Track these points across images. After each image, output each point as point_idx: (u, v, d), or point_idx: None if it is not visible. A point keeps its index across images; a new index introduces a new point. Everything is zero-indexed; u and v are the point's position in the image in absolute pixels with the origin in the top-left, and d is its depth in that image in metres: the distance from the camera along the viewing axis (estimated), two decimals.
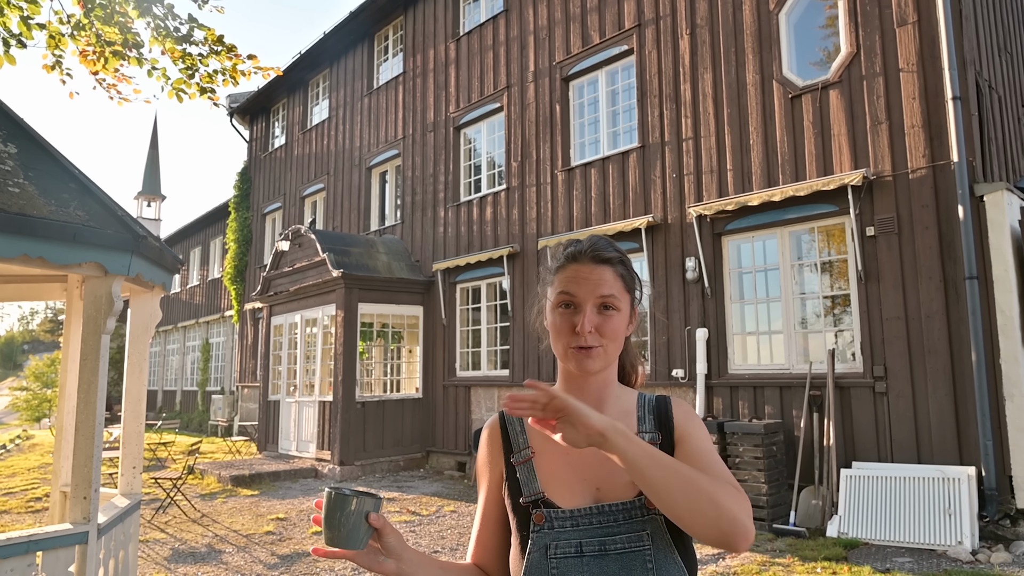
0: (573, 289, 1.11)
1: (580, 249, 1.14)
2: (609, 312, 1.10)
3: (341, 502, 0.93)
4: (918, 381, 5.96)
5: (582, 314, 1.09)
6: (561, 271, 1.14)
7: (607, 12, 9.08)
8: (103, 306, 3.03)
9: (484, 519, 1.20)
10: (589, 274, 1.11)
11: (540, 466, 1.14)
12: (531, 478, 1.13)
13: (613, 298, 1.10)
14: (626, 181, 8.57)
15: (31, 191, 2.84)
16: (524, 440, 1.17)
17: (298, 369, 11.53)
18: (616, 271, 1.13)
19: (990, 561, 4.95)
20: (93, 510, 2.96)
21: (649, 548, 1.04)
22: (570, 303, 1.11)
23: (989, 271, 5.72)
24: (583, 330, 1.08)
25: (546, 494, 1.11)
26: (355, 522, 0.93)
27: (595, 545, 1.05)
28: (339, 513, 0.93)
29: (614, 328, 1.10)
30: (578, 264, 1.13)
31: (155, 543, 6.30)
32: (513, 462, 1.16)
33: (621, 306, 1.12)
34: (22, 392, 29.71)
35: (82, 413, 2.99)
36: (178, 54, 3.88)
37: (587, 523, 1.07)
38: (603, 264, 1.12)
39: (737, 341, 7.35)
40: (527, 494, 1.12)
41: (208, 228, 21.91)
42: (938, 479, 5.53)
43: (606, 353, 1.11)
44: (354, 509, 0.93)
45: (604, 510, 1.07)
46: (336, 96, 14.44)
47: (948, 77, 5.95)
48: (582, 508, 1.08)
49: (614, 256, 1.14)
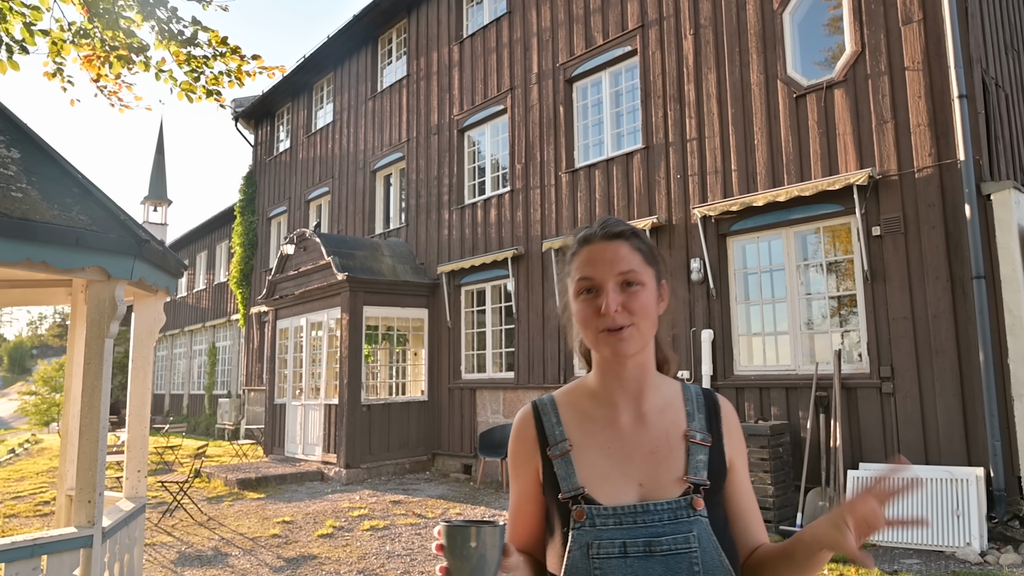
0: (590, 272, 1.06)
1: (591, 231, 1.11)
2: (633, 288, 1.05)
3: (468, 534, 0.90)
4: (925, 381, 5.92)
5: (604, 294, 1.04)
6: (576, 257, 1.10)
7: (610, 13, 9.07)
8: (106, 310, 3.04)
9: (518, 513, 1.16)
10: (603, 252, 1.07)
11: (579, 460, 1.09)
12: (570, 472, 1.08)
13: (633, 272, 1.05)
14: (630, 182, 8.55)
15: (34, 196, 2.86)
16: (561, 432, 1.12)
17: (304, 372, 11.55)
18: (632, 244, 1.08)
19: (999, 562, 4.91)
20: (98, 514, 2.97)
21: (696, 550, 1.00)
22: (591, 287, 1.06)
23: (997, 270, 5.67)
24: (608, 310, 1.03)
25: (587, 489, 1.06)
26: (483, 552, 0.90)
27: (640, 545, 1.00)
28: (466, 545, 0.90)
29: (642, 304, 1.05)
30: (591, 245, 1.09)
31: (162, 546, 6.31)
32: (550, 455, 1.10)
33: (644, 280, 1.06)
34: (31, 396, 29.89)
35: (86, 417, 3.00)
36: (183, 57, 3.89)
37: (631, 521, 1.02)
38: (615, 239, 1.08)
39: (743, 342, 7.32)
40: (566, 489, 1.07)
41: (214, 232, 22.01)
42: (946, 480, 5.49)
43: (639, 332, 1.05)
44: (484, 539, 0.90)
45: (648, 508, 1.02)
46: (340, 99, 14.48)
47: (954, 75, 5.91)
48: (626, 506, 1.03)
49: (626, 230, 1.09)
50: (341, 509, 7.81)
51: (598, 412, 1.12)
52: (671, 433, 1.10)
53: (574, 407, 1.15)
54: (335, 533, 6.64)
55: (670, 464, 1.07)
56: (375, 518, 7.25)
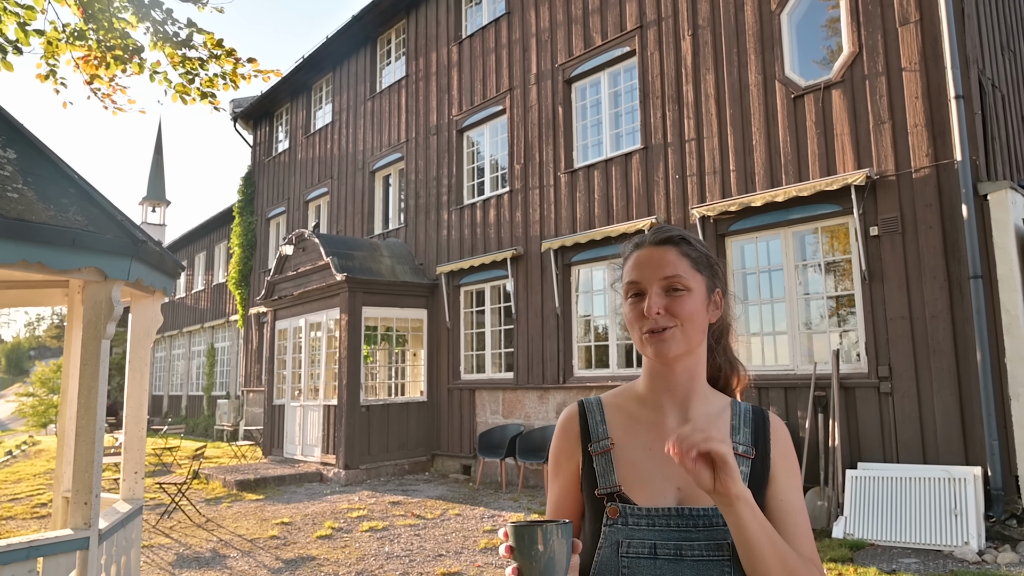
0: (637, 275, 1.09)
1: (644, 237, 1.14)
2: (678, 293, 1.07)
3: (535, 534, 0.90)
4: (923, 381, 5.92)
5: (648, 297, 1.07)
6: (627, 262, 1.13)
7: (609, 14, 9.08)
8: (103, 311, 3.04)
9: (557, 511, 1.17)
10: (650, 257, 1.10)
11: (619, 458, 1.10)
12: (608, 470, 1.09)
13: (678, 278, 1.07)
14: (629, 183, 8.55)
15: (30, 196, 2.85)
16: (604, 430, 1.14)
17: (303, 373, 11.54)
18: (680, 250, 1.10)
19: (997, 561, 4.91)
20: (94, 515, 2.96)
21: (728, 560, 0.99)
22: (638, 291, 1.09)
23: (994, 270, 5.68)
24: (650, 312, 1.05)
25: (623, 488, 1.07)
26: (552, 552, 0.90)
27: (670, 548, 1.01)
28: (534, 546, 0.90)
29: (687, 309, 1.06)
30: (641, 250, 1.12)
31: (160, 548, 6.31)
32: (591, 451, 1.12)
33: (690, 285, 1.08)
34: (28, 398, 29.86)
35: (82, 418, 3.00)
36: (178, 59, 3.89)
37: (664, 524, 1.03)
38: (663, 245, 1.10)
39: (741, 342, 7.32)
40: (603, 486, 1.08)
41: (213, 233, 21.99)
42: (944, 479, 5.49)
43: (683, 335, 1.06)
44: (552, 539, 0.90)
45: (684, 513, 1.03)
46: (339, 100, 14.48)
47: (951, 76, 5.92)
48: (660, 508, 1.04)
49: (675, 235, 1.11)
50: (340, 510, 7.80)
51: (643, 414, 1.14)
52: None
53: (620, 408, 1.17)
54: (334, 534, 6.64)
55: None
56: (374, 519, 7.25)
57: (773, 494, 1.06)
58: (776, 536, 0.96)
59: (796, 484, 1.09)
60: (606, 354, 8.65)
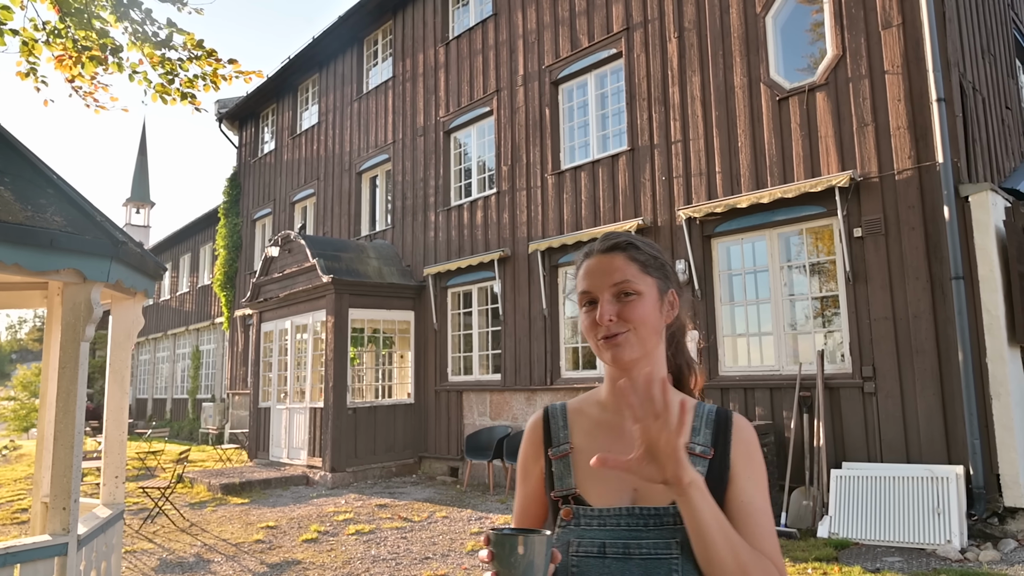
0: (588, 285, 1.11)
1: (593, 246, 1.15)
2: (629, 298, 1.08)
3: (515, 542, 0.89)
4: (906, 381, 5.98)
5: (600, 305, 1.08)
6: (579, 271, 1.15)
7: (595, 16, 9.10)
8: (82, 313, 2.99)
9: (523, 516, 1.19)
10: (599, 265, 1.11)
11: (578, 462, 1.12)
12: (566, 473, 1.12)
13: (628, 283, 1.08)
14: (616, 184, 8.58)
15: (6, 196, 2.80)
16: (565, 435, 1.16)
17: (289, 376, 11.45)
18: (627, 255, 1.11)
19: (979, 559, 4.96)
20: (73, 521, 2.91)
21: (677, 557, 1.00)
22: (591, 300, 1.11)
23: (975, 271, 5.75)
24: (602, 319, 1.07)
25: (579, 490, 1.09)
26: (531, 560, 0.90)
27: (619, 547, 1.02)
28: (514, 554, 0.89)
29: (638, 313, 1.07)
30: (590, 259, 1.14)
31: (142, 553, 6.23)
32: (551, 455, 1.15)
33: (640, 289, 1.09)
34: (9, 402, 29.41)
35: (61, 422, 2.95)
36: (157, 59, 3.85)
37: (614, 523, 1.04)
38: (612, 251, 1.12)
39: (727, 343, 7.35)
40: (559, 488, 1.11)
41: (198, 234, 21.79)
42: (927, 478, 5.54)
43: (637, 338, 1.07)
44: (533, 548, 0.90)
45: (635, 512, 1.04)
46: (325, 101, 14.41)
47: (932, 79, 5.98)
48: (612, 508, 1.06)
49: (622, 241, 1.13)
50: (326, 513, 7.74)
51: (604, 418, 1.16)
52: None
53: (583, 413, 1.19)
54: (320, 538, 6.59)
55: None
56: (360, 522, 7.20)
57: (733, 494, 1.06)
58: (729, 528, 0.96)
59: (758, 485, 1.08)
60: (593, 356, 8.66)
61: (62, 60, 3.76)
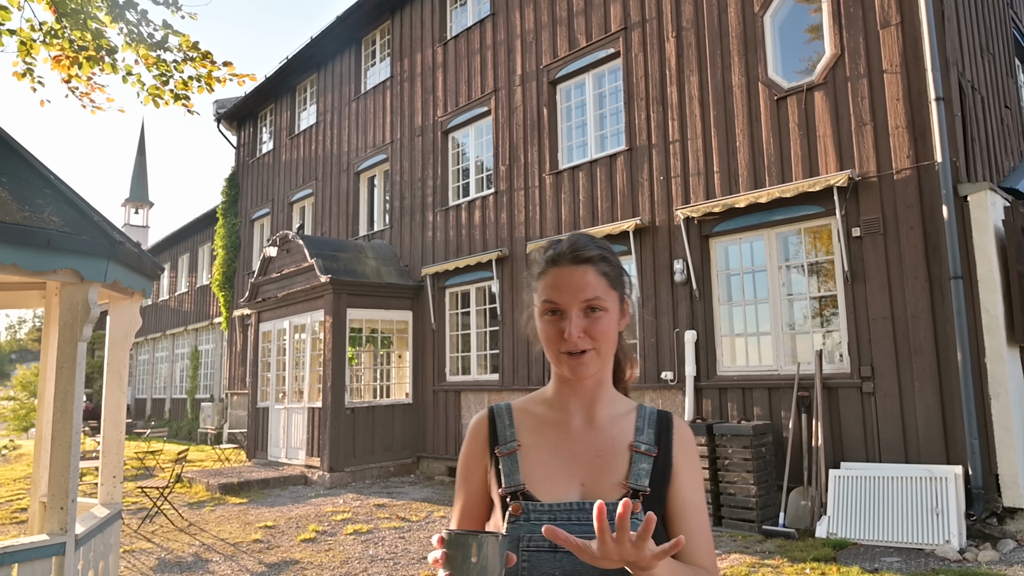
0: (556, 297, 1.09)
1: (560, 251, 1.12)
2: (596, 314, 1.08)
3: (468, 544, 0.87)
4: (905, 381, 5.98)
5: (568, 320, 1.07)
6: (543, 277, 1.12)
7: (593, 15, 9.10)
8: (79, 313, 2.99)
9: (465, 515, 1.19)
10: (570, 277, 1.09)
11: (525, 458, 1.13)
12: (514, 469, 1.12)
13: (598, 299, 1.08)
14: (614, 184, 8.57)
15: (4, 197, 2.80)
16: (512, 433, 1.17)
17: (287, 376, 11.44)
18: (598, 269, 1.10)
19: (978, 559, 4.96)
20: (70, 520, 2.91)
21: None
22: (556, 310, 1.10)
23: (974, 271, 5.75)
24: (571, 336, 1.06)
25: (527, 486, 1.10)
26: (484, 564, 0.88)
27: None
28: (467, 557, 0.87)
29: (603, 330, 1.09)
30: (558, 268, 1.11)
31: (141, 553, 6.22)
32: (498, 453, 1.15)
33: (608, 306, 1.10)
34: (9, 402, 29.37)
35: (58, 422, 2.94)
36: (152, 60, 3.84)
37: (565, 518, 1.05)
38: (583, 264, 1.10)
39: (726, 343, 7.35)
40: (508, 485, 1.11)
41: (196, 235, 21.77)
42: (925, 478, 5.55)
43: (599, 355, 1.10)
44: (486, 550, 0.88)
45: (584, 507, 1.05)
46: (324, 101, 14.40)
47: (931, 78, 5.98)
48: (561, 503, 1.07)
49: (595, 254, 1.11)
50: (324, 513, 7.74)
51: (551, 415, 1.17)
52: (618, 442, 1.14)
53: (529, 412, 1.20)
54: (318, 538, 6.58)
55: (613, 469, 1.11)
56: (359, 522, 7.20)
57: (676, 492, 1.12)
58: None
59: (697, 484, 1.15)
60: None
61: (59, 60, 3.75)
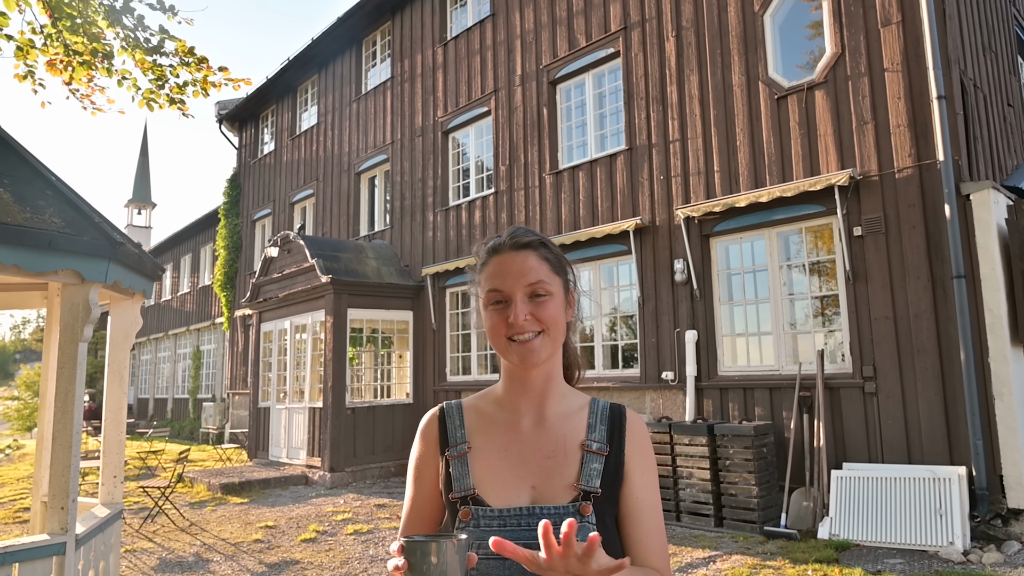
0: (499, 284, 1.07)
1: (499, 241, 1.12)
2: (542, 298, 1.07)
3: (427, 549, 0.85)
4: (907, 381, 5.97)
5: (513, 305, 1.05)
6: (485, 268, 1.11)
7: (593, 15, 9.09)
8: (80, 314, 2.99)
9: (415, 516, 1.14)
10: (511, 263, 1.08)
11: (475, 461, 1.10)
12: (464, 473, 1.09)
13: (542, 283, 1.07)
14: (614, 184, 8.57)
15: (6, 198, 2.80)
16: (462, 435, 1.13)
17: (288, 376, 11.45)
18: (539, 254, 1.10)
19: (982, 561, 4.95)
20: (71, 520, 2.91)
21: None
22: (500, 299, 1.07)
23: (977, 270, 5.73)
24: (517, 320, 1.04)
25: (477, 491, 1.07)
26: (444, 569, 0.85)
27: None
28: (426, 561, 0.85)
29: (551, 313, 1.07)
30: (499, 256, 1.10)
31: (142, 552, 6.23)
32: (448, 456, 1.12)
33: (552, 289, 1.08)
34: (13, 402, 29.43)
35: (59, 422, 2.95)
36: (147, 65, 3.85)
37: (515, 524, 1.03)
38: (524, 250, 1.09)
39: (727, 343, 7.34)
40: (458, 489, 1.09)
41: (199, 235, 21.79)
42: (929, 479, 5.53)
43: (549, 339, 1.07)
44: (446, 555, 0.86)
45: (535, 512, 1.03)
46: (324, 102, 14.40)
47: (933, 76, 5.97)
48: (512, 508, 1.04)
49: (534, 240, 1.11)
50: (325, 513, 7.74)
51: (501, 416, 1.14)
52: (569, 441, 1.11)
53: (479, 411, 1.16)
54: (318, 538, 6.58)
55: (564, 470, 1.08)
56: (359, 522, 7.20)
57: (629, 491, 1.09)
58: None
59: (651, 481, 1.11)
60: (592, 355, 8.65)
61: (53, 64, 3.76)
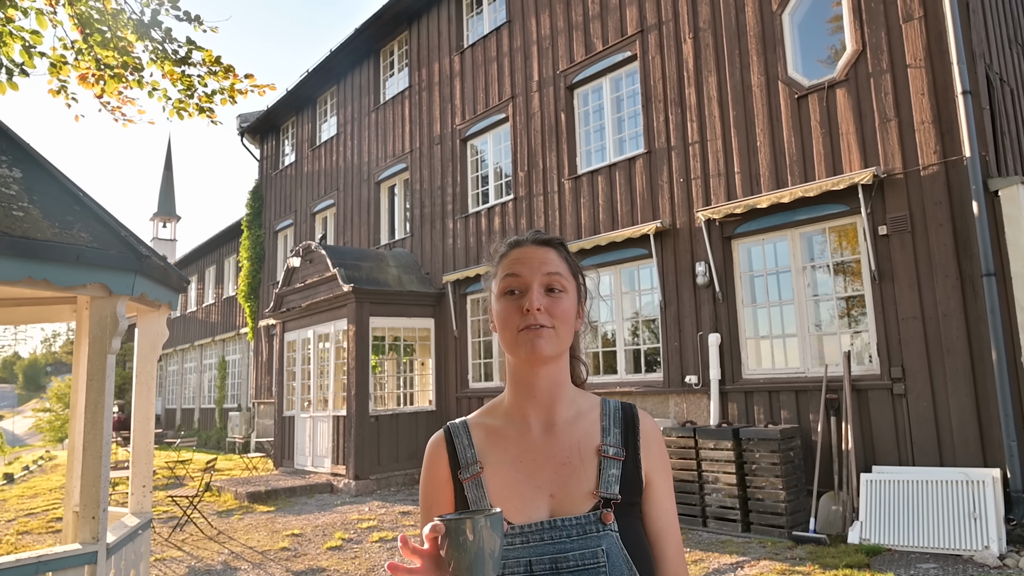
0: (518, 269, 1.07)
1: (522, 237, 1.13)
2: (557, 294, 1.07)
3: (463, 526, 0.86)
4: (937, 382, 5.84)
5: (530, 293, 1.05)
6: (504, 259, 1.11)
7: (609, 19, 9.09)
8: (108, 326, 3.05)
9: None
10: (533, 254, 1.09)
11: (490, 481, 1.07)
12: (480, 495, 1.06)
13: (559, 276, 1.07)
14: (633, 187, 8.53)
15: (35, 214, 2.87)
16: (473, 454, 1.10)
17: (312, 384, 11.56)
18: (559, 253, 1.11)
19: (1019, 566, 4.81)
20: (102, 530, 2.96)
21: (604, 565, 0.98)
22: (516, 288, 1.07)
23: (1007, 267, 5.60)
24: (532, 307, 1.03)
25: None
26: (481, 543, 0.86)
27: (546, 563, 0.99)
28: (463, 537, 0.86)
29: (564, 310, 1.06)
30: (521, 248, 1.11)
31: (172, 561, 6.31)
32: (461, 479, 1.08)
33: (568, 287, 1.09)
34: (45, 413, 30.13)
35: (89, 433, 3.01)
36: (176, 75, 3.95)
37: (538, 539, 1.01)
38: (546, 246, 1.11)
39: (751, 345, 7.26)
40: None
41: (222, 247, 22.15)
42: (962, 482, 5.40)
43: (558, 336, 1.05)
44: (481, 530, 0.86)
45: (556, 525, 1.01)
46: (344, 112, 14.57)
47: (957, 71, 5.86)
48: (533, 524, 1.02)
49: (555, 239, 1.13)
50: (350, 521, 7.78)
51: (510, 428, 1.11)
52: (583, 446, 1.08)
53: (486, 427, 1.13)
54: (344, 545, 6.62)
55: (581, 477, 1.06)
56: (384, 529, 7.22)
57: (652, 502, 1.07)
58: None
59: (670, 488, 1.10)
60: (614, 360, 8.60)
61: (85, 78, 3.87)
